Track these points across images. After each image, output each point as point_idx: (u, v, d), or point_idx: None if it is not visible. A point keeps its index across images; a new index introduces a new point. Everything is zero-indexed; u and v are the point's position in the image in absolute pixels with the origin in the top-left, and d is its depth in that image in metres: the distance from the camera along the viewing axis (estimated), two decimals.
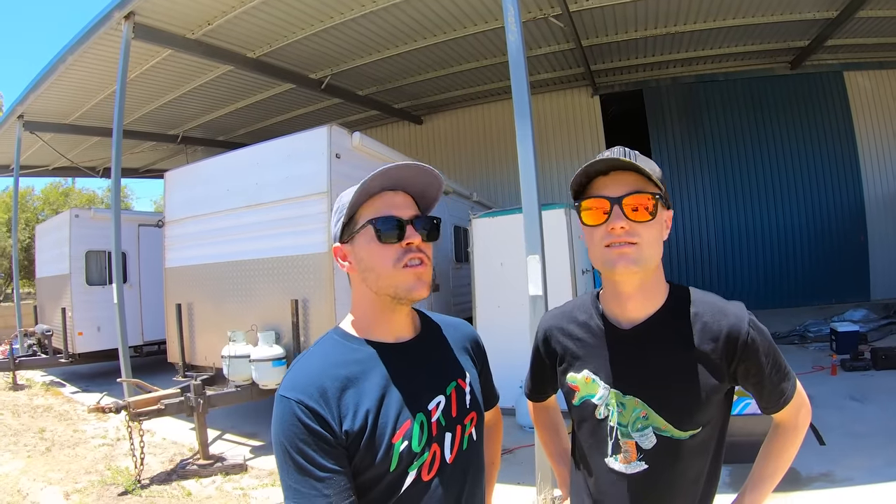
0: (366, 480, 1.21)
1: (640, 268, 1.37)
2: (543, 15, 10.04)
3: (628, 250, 1.36)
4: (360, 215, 1.33)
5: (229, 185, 7.41)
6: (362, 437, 1.20)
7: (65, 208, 23.02)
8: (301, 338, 6.56)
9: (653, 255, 1.39)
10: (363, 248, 1.32)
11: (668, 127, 14.97)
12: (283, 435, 1.18)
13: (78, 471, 6.05)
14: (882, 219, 13.74)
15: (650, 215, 1.36)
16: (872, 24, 11.53)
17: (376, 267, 1.30)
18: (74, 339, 10.57)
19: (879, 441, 5.33)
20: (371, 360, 1.30)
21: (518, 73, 5.11)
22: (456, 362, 1.48)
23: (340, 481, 1.16)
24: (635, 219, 1.36)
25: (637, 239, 1.36)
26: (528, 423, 5.85)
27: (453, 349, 1.50)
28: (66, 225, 10.96)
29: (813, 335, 10.14)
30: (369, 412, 1.22)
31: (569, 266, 6.93)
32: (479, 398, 1.48)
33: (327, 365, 1.27)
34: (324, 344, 1.36)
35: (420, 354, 1.40)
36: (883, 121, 13.90)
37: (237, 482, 5.56)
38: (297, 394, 1.20)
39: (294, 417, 1.18)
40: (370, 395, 1.24)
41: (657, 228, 1.39)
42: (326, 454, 1.16)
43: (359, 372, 1.27)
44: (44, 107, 12.67)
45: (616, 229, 1.36)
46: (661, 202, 1.39)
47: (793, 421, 1.52)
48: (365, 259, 1.32)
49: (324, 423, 1.17)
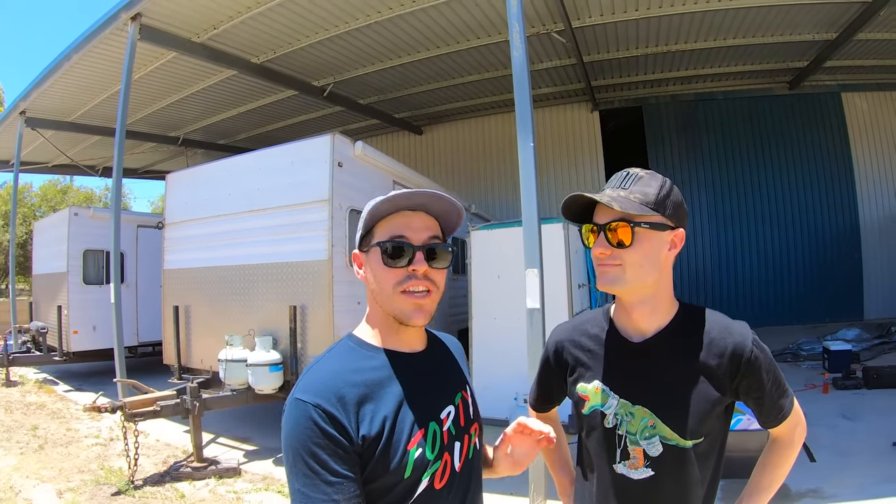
0: (378, 487, 1.22)
1: (622, 287, 1.50)
2: (546, 30, 10.13)
3: (610, 271, 1.50)
4: (377, 230, 1.35)
5: (231, 189, 7.45)
6: (378, 443, 1.21)
7: (62, 206, 23.03)
8: (298, 344, 6.59)
9: (639, 276, 1.48)
10: (374, 262, 1.35)
11: (666, 144, 15.05)
12: (297, 438, 1.18)
13: (71, 469, 6.06)
14: (877, 239, 13.84)
15: (630, 242, 1.46)
16: (871, 47, 11.66)
17: (380, 286, 1.34)
18: (69, 337, 10.57)
19: (868, 459, 5.41)
20: (387, 368, 1.32)
21: (521, 87, 5.18)
22: (460, 373, 1.53)
23: (351, 487, 1.16)
24: (616, 244, 1.47)
25: (620, 261, 1.48)
26: None
27: (457, 360, 1.56)
28: (65, 223, 10.98)
29: (806, 353, 10.21)
30: (387, 419, 1.23)
31: (565, 280, 6.99)
32: (478, 409, 1.53)
33: (344, 371, 1.28)
34: (339, 350, 1.37)
35: (431, 365, 1.43)
36: (879, 142, 14.02)
37: (231, 486, 5.58)
38: (313, 397, 1.20)
39: (310, 420, 1.18)
40: (387, 403, 1.26)
41: (641, 252, 1.47)
42: (340, 459, 1.17)
43: (375, 379, 1.28)
44: (46, 104, 12.71)
45: (597, 253, 1.50)
46: (649, 227, 1.46)
47: (789, 436, 1.61)
48: (374, 272, 1.35)
49: (340, 428, 1.18)
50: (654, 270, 1.50)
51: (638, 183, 1.49)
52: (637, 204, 1.45)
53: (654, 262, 1.49)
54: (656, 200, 1.47)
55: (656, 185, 1.50)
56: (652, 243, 1.48)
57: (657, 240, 1.49)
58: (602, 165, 15.11)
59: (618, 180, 1.52)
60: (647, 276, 1.49)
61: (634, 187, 1.48)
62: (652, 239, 1.48)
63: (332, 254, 6.45)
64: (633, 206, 1.45)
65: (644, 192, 1.47)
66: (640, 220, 1.45)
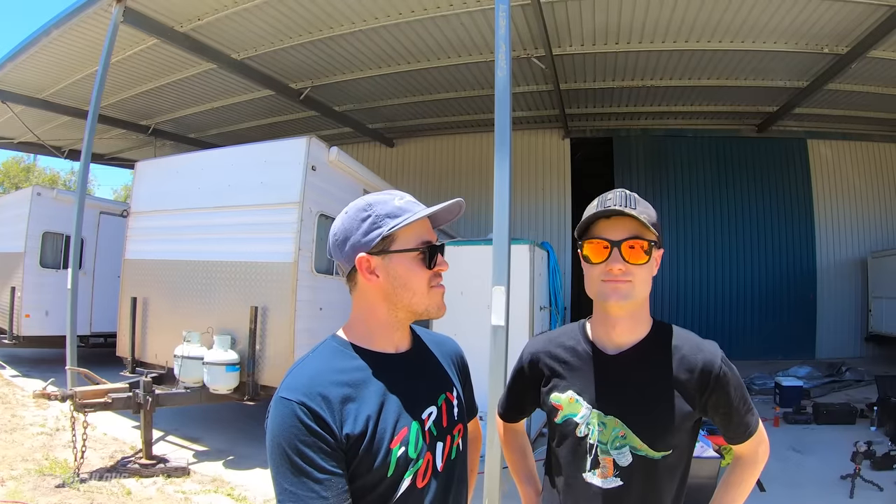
0: (361, 486, 1.25)
1: (629, 302, 1.55)
2: (527, 55, 10.25)
3: (622, 286, 1.54)
4: (399, 235, 1.37)
5: (201, 183, 7.38)
6: (362, 441, 1.23)
7: (25, 185, 22.44)
8: (257, 346, 6.53)
9: (643, 291, 1.57)
10: (402, 267, 1.37)
11: (633, 176, 15.18)
12: (282, 436, 1.19)
13: (14, 457, 5.91)
14: (832, 283, 14.25)
15: (646, 257, 1.54)
16: (840, 97, 12.04)
17: (414, 287, 1.38)
18: (21, 320, 10.31)
19: (815, 491, 5.62)
20: (370, 368, 1.35)
21: (503, 106, 5.28)
22: (445, 375, 1.56)
23: (339, 483, 1.19)
24: (631, 261, 1.53)
25: (631, 277, 1.54)
26: None
27: (442, 363, 1.59)
28: (27, 202, 10.75)
29: (758, 388, 10.40)
30: (370, 417, 1.26)
31: (528, 301, 7.04)
32: (464, 411, 1.57)
33: (328, 370, 1.31)
34: (323, 350, 1.39)
35: (415, 366, 1.47)
36: (840, 189, 14.47)
37: (179, 485, 5.50)
38: (298, 395, 1.22)
39: (295, 418, 1.19)
40: (371, 402, 1.29)
41: (649, 268, 1.56)
42: (326, 456, 1.19)
43: (359, 379, 1.31)
44: (19, 77, 12.39)
45: (614, 270, 1.53)
46: (655, 245, 1.56)
47: (753, 454, 1.69)
48: (402, 276, 1.37)
49: (324, 425, 1.20)
50: (650, 286, 1.59)
51: (640, 203, 1.57)
52: (649, 223, 1.52)
53: (650, 279, 1.59)
54: (657, 221, 1.56)
55: (650, 205, 1.60)
56: (657, 261, 1.59)
57: (657, 258, 1.59)
58: (569, 193, 15.23)
59: (620, 200, 1.56)
60: (646, 291, 1.58)
61: (640, 207, 1.55)
62: (657, 257, 1.58)
63: (298, 257, 6.43)
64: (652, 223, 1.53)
65: (649, 213, 1.55)
66: (652, 238, 1.54)
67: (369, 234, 1.36)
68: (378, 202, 1.40)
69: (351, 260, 1.38)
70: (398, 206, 1.39)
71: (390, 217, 1.37)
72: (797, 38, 9.52)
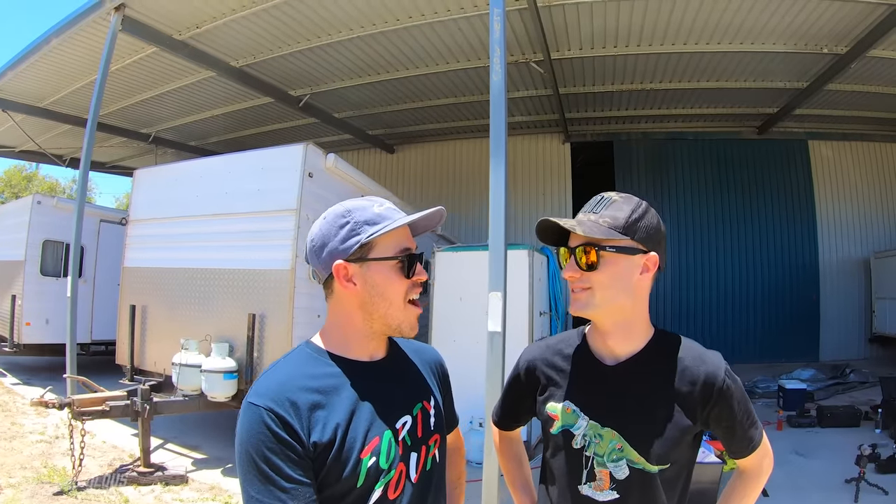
0: (330, 496, 1.22)
1: (593, 311, 1.52)
2: (525, 59, 10.25)
3: (580, 296, 1.52)
4: (379, 242, 1.34)
5: (199, 190, 7.38)
6: (330, 450, 1.20)
7: (26, 193, 22.51)
8: (255, 353, 6.51)
9: (609, 298, 1.50)
10: (380, 275, 1.34)
11: (634, 180, 15.17)
12: (249, 442, 1.17)
13: (13, 465, 5.91)
14: (835, 284, 14.18)
15: (596, 264, 1.48)
16: (840, 97, 12.01)
17: (391, 297, 1.35)
18: (21, 328, 10.32)
19: (819, 495, 5.59)
20: (342, 376, 1.31)
21: (498, 110, 5.24)
22: (423, 384, 1.52)
23: (306, 493, 1.16)
24: (584, 267, 1.50)
25: (588, 284, 1.50)
26: (475, 459, 5.88)
27: (420, 371, 1.55)
28: (27, 210, 10.78)
29: (761, 391, 10.37)
30: (339, 426, 1.23)
31: (527, 307, 7.01)
32: (443, 421, 1.53)
33: (299, 376, 1.27)
34: (295, 356, 1.36)
35: (390, 374, 1.43)
36: (842, 190, 14.42)
37: (177, 493, 5.48)
38: (265, 401, 1.19)
39: (262, 425, 1.17)
40: (341, 410, 1.25)
41: (608, 275, 1.49)
42: (293, 464, 1.16)
43: (330, 386, 1.28)
44: (20, 86, 12.43)
45: (567, 277, 1.54)
46: (616, 251, 1.48)
47: (757, 468, 1.64)
48: (380, 285, 1.34)
49: (292, 433, 1.17)
50: (625, 294, 1.51)
51: (609, 207, 1.52)
52: (605, 228, 1.47)
53: (625, 286, 1.50)
54: (626, 224, 1.48)
55: (628, 209, 1.51)
56: (619, 266, 1.49)
57: (626, 263, 1.50)
58: (570, 198, 15.21)
59: (591, 205, 1.55)
60: (617, 300, 1.50)
61: (605, 211, 1.51)
62: (619, 262, 1.49)
63: (295, 264, 6.41)
64: (598, 231, 1.47)
65: (614, 217, 1.49)
66: (605, 243, 1.47)
67: (347, 241, 1.34)
68: (357, 208, 1.38)
69: (328, 267, 1.35)
70: (377, 212, 1.37)
71: (369, 224, 1.34)
72: (796, 38, 9.49)
